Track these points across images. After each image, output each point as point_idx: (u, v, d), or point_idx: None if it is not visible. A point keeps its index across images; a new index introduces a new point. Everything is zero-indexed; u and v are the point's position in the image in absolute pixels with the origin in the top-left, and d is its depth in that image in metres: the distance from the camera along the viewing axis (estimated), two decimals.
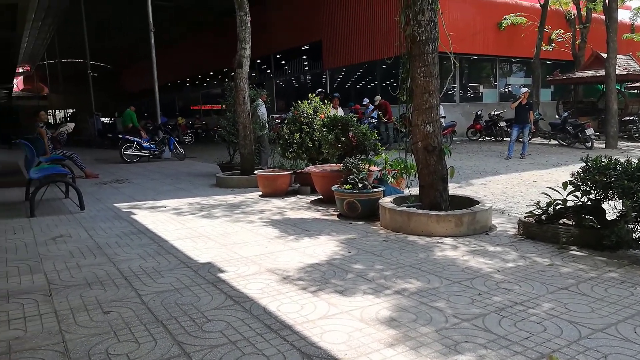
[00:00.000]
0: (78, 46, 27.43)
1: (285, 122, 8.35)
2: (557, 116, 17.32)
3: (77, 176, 9.01)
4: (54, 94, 44.68)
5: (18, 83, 50.57)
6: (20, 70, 41.61)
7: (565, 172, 8.70)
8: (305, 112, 7.97)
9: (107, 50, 41.84)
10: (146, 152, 13.95)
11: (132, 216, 5.97)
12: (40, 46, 29.12)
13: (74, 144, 21.31)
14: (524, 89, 12.47)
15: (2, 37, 18.12)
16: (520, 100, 12.04)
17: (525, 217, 4.63)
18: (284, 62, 26.43)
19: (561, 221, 4.38)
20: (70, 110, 48.87)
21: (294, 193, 7.55)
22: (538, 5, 19.01)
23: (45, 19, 20.86)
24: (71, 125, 12.67)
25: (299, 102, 8.17)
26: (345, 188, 5.60)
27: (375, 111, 15.84)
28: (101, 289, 3.36)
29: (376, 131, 7.77)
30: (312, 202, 6.76)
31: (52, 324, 2.78)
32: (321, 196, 6.84)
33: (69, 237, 4.92)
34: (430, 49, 4.83)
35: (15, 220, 5.88)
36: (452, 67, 5.59)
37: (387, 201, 5.20)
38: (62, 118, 45.17)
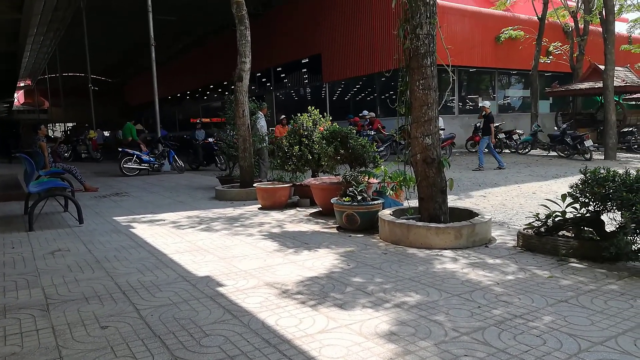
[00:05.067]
0: (79, 60, 27.65)
1: (285, 134, 8.38)
2: (555, 128, 17.38)
3: (77, 190, 9.01)
4: (54, 108, 44.89)
5: (19, 97, 50.88)
6: (21, 84, 41.85)
7: (564, 184, 8.71)
8: (304, 125, 8.00)
9: (108, 64, 42.18)
10: (146, 165, 13.97)
11: (131, 230, 5.96)
12: (41, 60, 29.32)
13: (74, 157, 21.40)
14: (485, 103, 13.42)
15: (4, 52, 18.26)
16: (482, 112, 12.85)
17: (524, 229, 4.62)
18: (283, 75, 26.61)
19: (560, 233, 4.37)
20: (70, 124, 49.08)
21: (293, 206, 7.55)
22: (535, 18, 19.20)
23: (47, 33, 21.05)
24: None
25: (299, 114, 8.20)
26: (344, 200, 5.60)
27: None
28: (99, 303, 3.34)
29: (375, 144, 7.79)
30: (312, 214, 6.75)
31: (49, 339, 2.77)
32: (320, 209, 6.84)
33: (67, 251, 4.91)
34: (429, 62, 4.86)
35: (13, 234, 5.87)
36: (451, 79, 5.64)
37: (386, 213, 5.19)
38: (63, 132, 45.32)
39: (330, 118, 8.24)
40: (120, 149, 14.49)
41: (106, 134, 29.39)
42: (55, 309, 3.24)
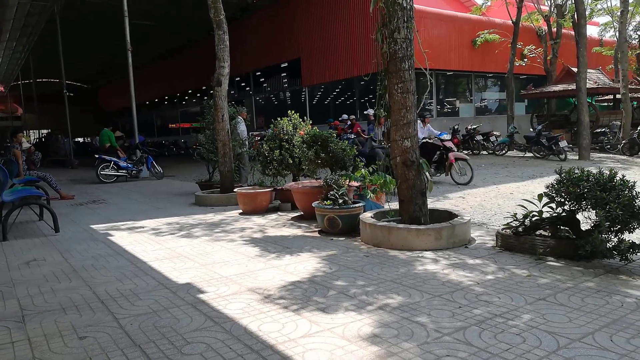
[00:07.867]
0: (54, 66, 27.09)
1: (265, 139, 8.36)
2: (531, 129, 17.72)
3: (52, 198, 8.82)
4: (28, 114, 43.88)
5: None
6: None
7: (540, 184, 8.87)
8: (284, 129, 7.99)
9: (84, 70, 41.44)
10: (123, 171, 13.75)
11: (109, 237, 5.86)
12: (14, 66, 28.71)
13: (48, 164, 20.95)
14: (369, 111, 14.17)
15: None
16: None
17: (502, 229, 4.69)
18: (263, 79, 26.55)
19: (538, 232, 4.45)
20: (45, 131, 48.03)
21: (274, 210, 7.52)
22: (510, 22, 19.58)
23: (20, 38, 20.60)
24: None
25: (279, 119, 8.19)
26: (325, 204, 5.60)
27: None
28: (76, 313, 3.27)
29: (355, 147, 7.82)
30: (293, 218, 6.74)
31: (25, 351, 2.70)
32: (302, 213, 6.83)
33: (43, 261, 4.80)
34: (407, 66, 4.91)
35: None
36: (428, 83, 5.71)
37: (367, 216, 5.22)
38: (36, 139, 44.32)
39: (310, 122, 8.25)
40: (97, 156, 14.24)
41: (81, 140, 28.78)
42: (31, 320, 3.16)
